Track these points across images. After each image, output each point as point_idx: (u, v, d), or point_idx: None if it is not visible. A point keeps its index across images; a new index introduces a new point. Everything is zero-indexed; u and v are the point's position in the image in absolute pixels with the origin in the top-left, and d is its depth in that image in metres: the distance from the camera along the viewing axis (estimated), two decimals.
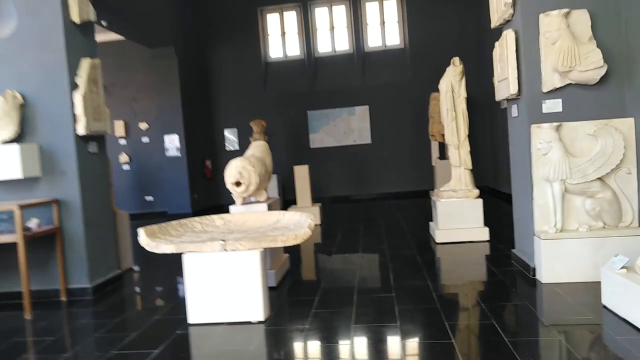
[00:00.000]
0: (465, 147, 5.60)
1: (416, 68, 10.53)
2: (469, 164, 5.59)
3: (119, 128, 10.69)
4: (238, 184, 3.99)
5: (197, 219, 4.05)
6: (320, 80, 10.94)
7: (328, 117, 10.84)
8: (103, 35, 10.41)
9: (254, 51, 11.00)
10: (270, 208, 4.39)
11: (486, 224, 5.54)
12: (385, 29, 10.95)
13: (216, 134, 11.16)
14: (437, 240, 5.52)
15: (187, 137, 10.06)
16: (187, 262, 3.42)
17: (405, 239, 5.93)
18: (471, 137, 8.98)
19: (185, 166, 9.97)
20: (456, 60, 5.67)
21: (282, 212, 3.93)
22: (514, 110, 4.25)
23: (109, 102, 10.85)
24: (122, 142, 10.77)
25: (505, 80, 4.10)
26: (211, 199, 11.14)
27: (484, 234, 5.46)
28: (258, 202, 4.37)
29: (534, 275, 3.95)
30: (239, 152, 11.01)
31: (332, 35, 11.08)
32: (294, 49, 11.17)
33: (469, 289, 3.99)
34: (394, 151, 10.67)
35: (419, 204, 9.19)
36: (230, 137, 11.10)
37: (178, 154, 9.98)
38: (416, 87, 10.46)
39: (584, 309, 3.21)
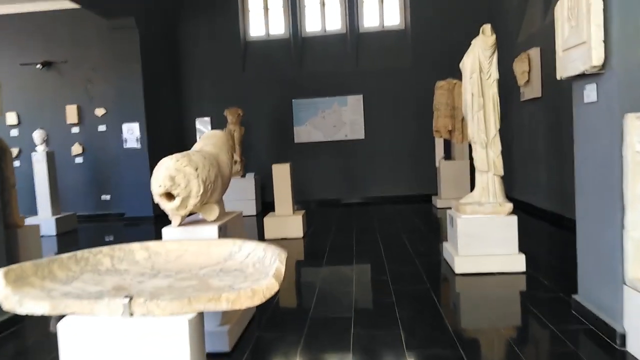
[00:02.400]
0: (496, 147, 4.21)
1: (418, 52, 9.13)
2: (500, 168, 4.21)
3: (71, 114, 9.14)
4: (169, 195, 2.55)
5: (106, 249, 2.60)
6: (308, 64, 9.48)
7: (316, 107, 9.40)
8: (53, 3, 8.85)
9: (232, 28, 9.48)
10: (225, 231, 2.95)
11: (520, 248, 4.18)
12: (384, 7, 9.52)
13: (186, 124, 9.64)
14: (457, 270, 4.14)
15: (149, 126, 8.54)
16: (65, 332, 2.00)
17: (413, 266, 4.54)
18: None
19: (146, 160, 8.44)
20: (487, 28, 4.27)
21: (239, 242, 2.50)
22: (591, 93, 2.86)
23: (60, 82, 9.33)
24: (75, 130, 9.22)
25: (581, 47, 2.72)
26: None
27: (519, 263, 4.09)
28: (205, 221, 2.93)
29: (623, 346, 2.58)
30: None
31: (323, 12, 9.62)
32: (279, 27, 9.68)
33: None
34: (391, 149, 9.27)
35: (421, 212, 7.81)
36: (203, 128, 9.60)
37: (138, 145, 8.46)
38: (418, 74, 9.07)
39: None
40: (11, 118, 9.20)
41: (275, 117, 9.48)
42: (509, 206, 4.16)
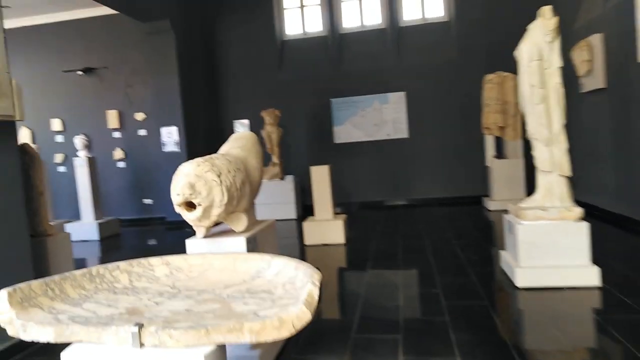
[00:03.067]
0: (562, 144, 3.71)
1: (464, 45, 8.59)
2: (566, 168, 3.70)
3: (113, 119, 9.18)
4: (190, 205, 2.27)
5: (124, 265, 2.35)
6: (347, 61, 9.13)
7: (356, 105, 9.03)
8: (92, 10, 8.93)
9: (268, 27, 9.27)
10: (254, 243, 2.65)
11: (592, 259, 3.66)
12: None
13: (225, 126, 9.51)
14: (518, 284, 3.67)
15: (187, 130, 8.44)
16: None
17: (466, 277, 4.10)
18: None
19: None
20: (547, 10, 3.78)
21: (267, 257, 2.18)
22: None
23: (101, 88, 9.42)
24: (117, 135, 9.26)
25: None
26: None
27: (592, 275, 3.58)
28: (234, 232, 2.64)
29: None
30: None
31: (361, 6, 9.24)
32: (315, 24, 9.38)
33: None
34: (437, 147, 8.77)
35: (471, 215, 7.29)
36: (242, 130, 9.42)
37: (177, 149, 8.37)
38: (464, 68, 8.52)
39: None
40: (56, 124, 9.36)
41: (313, 117, 9.19)
42: (579, 211, 3.65)
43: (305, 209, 8.50)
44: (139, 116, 9.12)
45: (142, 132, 9.18)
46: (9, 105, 3.07)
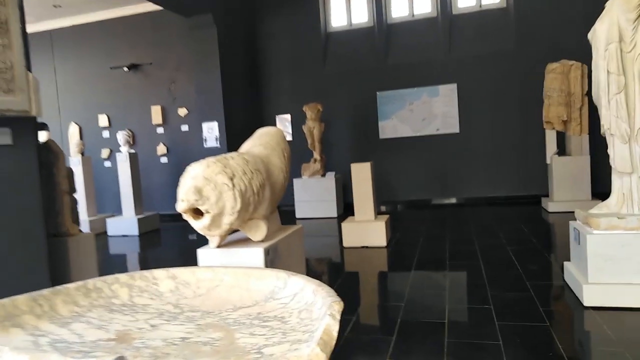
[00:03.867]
0: None
1: (523, 32, 7.88)
2: None
3: (156, 115, 9.18)
4: (197, 212, 1.96)
5: (125, 277, 2.09)
6: (394, 52, 8.64)
7: (403, 99, 8.53)
8: (137, 7, 8.94)
9: (313, 19, 8.94)
10: (274, 254, 2.32)
11: None
12: None
13: (266, 122, 9.28)
14: (587, 303, 3.14)
15: (228, 125, 8.27)
16: None
17: (524, 292, 3.59)
18: (594, 122, 6.53)
19: None
20: None
21: (283, 275, 1.84)
22: None
23: (145, 84, 9.45)
24: (160, 130, 9.26)
25: None
26: None
27: None
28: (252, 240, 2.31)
29: None
30: (293, 142, 9.09)
31: None
32: (362, 15, 8.95)
33: None
34: (491, 143, 8.13)
35: (529, 217, 6.66)
36: (283, 125, 9.18)
37: (217, 144, 8.23)
38: (523, 57, 7.83)
39: None
40: (103, 120, 9.48)
41: (358, 111, 8.77)
42: None
43: (347, 207, 8.13)
44: (182, 111, 9.06)
45: (185, 128, 9.12)
46: (25, 100, 2.90)
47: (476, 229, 6.03)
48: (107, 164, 9.53)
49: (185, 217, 2.02)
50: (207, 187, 1.89)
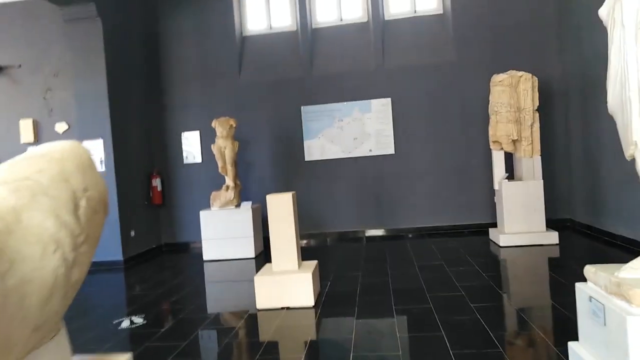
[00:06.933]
0: None
1: (464, 41, 7.06)
2: None
3: (27, 131, 7.27)
4: None
5: None
6: (321, 61, 7.49)
7: (332, 115, 7.38)
8: None
9: (226, 20, 7.58)
10: None
11: None
12: None
13: (169, 140, 7.71)
14: None
15: (117, 144, 6.63)
16: None
17: None
18: (547, 141, 5.69)
19: (113, 187, 6.52)
20: None
21: None
22: None
23: (13, 92, 7.55)
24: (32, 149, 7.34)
25: None
26: (159, 236, 7.67)
27: None
28: None
29: None
30: (202, 166, 7.58)
31: None
32: (283, 18, 7.74)
33: None
34: (431, 166, 7.16)
35: (479, 252, 5.66)
36: (190, 144, 7.65)
37: (102, 168, 6.54)
38: (465, 69, 7.00)
39: None
40: None
41: (280, 128, 7.49)
42: None
43: (268, 244, 6.73)
44: (60, 127, 7.24)
45: None
46: None
47: (424, 274, 4.87)
48: None
49: None
50: None
